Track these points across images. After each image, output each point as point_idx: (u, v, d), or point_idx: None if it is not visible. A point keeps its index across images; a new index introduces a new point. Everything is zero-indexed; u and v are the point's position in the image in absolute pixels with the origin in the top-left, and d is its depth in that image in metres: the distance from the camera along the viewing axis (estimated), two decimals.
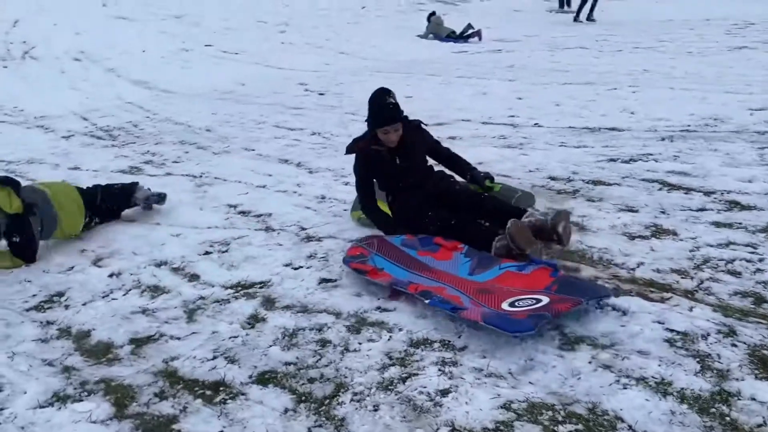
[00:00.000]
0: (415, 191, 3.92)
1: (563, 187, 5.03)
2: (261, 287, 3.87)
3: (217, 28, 13.06)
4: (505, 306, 2.97)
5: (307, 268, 4.07)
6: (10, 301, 3.89)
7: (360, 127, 7.02)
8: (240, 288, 3.88)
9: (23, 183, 4.60)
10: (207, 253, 4.41)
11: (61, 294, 3.96)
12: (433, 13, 14.03)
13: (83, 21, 12.22)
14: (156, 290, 3.93)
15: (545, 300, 2.93)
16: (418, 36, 13.45)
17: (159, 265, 4.27)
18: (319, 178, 5.77)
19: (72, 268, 4.29)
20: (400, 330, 3.20)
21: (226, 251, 4.41)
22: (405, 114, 4.01)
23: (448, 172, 4.30)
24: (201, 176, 5.97)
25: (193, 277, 4.07)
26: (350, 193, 4.90)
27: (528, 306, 2.91)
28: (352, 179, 4.33)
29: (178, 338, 3.37)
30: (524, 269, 3.30)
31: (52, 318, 3.68)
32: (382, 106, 3.92)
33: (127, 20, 12.72)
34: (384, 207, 4.11)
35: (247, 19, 13.82)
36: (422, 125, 4.17)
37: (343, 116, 7.85)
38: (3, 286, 4.07)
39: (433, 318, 3.23)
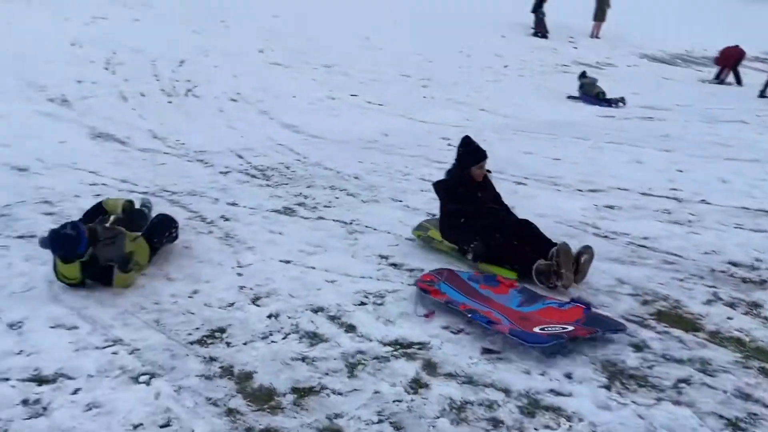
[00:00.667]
0: (487, 216, 4.86)
1: (747, 275, 4.56)
2: (420, 348, 3.72)
3: (363, 79, 13.44)
4: (535, 329, 3.69)
5: (467, 333, 3.88)
6: (175, 332, 3.97)
7: (508, 188, 6.85)
8: (398, 346, 3.74)
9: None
10: (362, 303, 4.33)
11: (222, 330, 3.99)
12: (584, 73, 13.74)
13: (241, 65, 12.99)
14: (314, 338, 3.87)
15: (569, 328, 3.65)
16: (570, 97, 13.19)
17: (316, 311, 4.23)
18: None
19: (232, 304, 4.34)
20: (581, 420, 2.91)
21: (381, 304, 4.32)
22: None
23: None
24: (351, 223, 5.98)
25: (350, 328, 3.99)
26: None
27: (554, 331, 3.61)
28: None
29: (341, 393, 3.26)
30: (563, 306, 4.00)
31: (215, 354, 3.69)
32: (477, 147, 5.02)
33: (281, 66, 13.39)
34: (436, 234, 5.14)
35: (391, 72, 14.16)
36: (489, 172, 5.12)
37: None
38: (169, 315, 4.17)
39: (617, 411, 2.92)
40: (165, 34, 13.76)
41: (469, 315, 3.90)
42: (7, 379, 3.44)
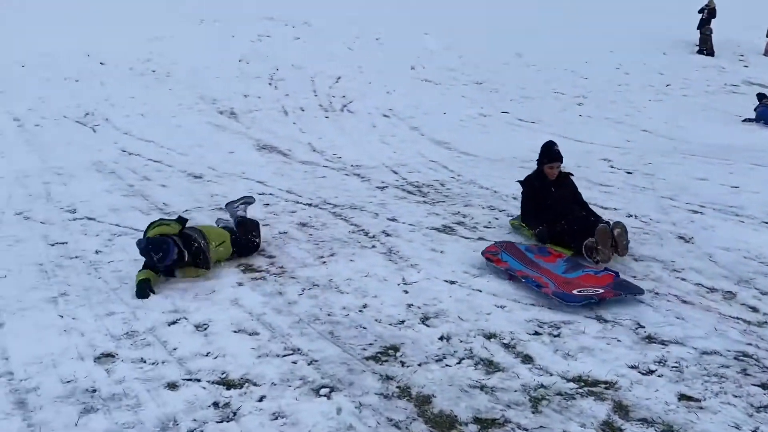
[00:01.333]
0: (559, 210, 5.62)
1: None
2: (607, 388, 3.47)
3: (514, 96, 13.21)
4: (574, 292, 4.49)
5: (659, 376, 3.58)
6: (350, 345, 3.99)
7: (683, 216, 6.34)
8: (583, 384, 3.52)
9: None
10: (536, 333, 4.14)
11: (395, 348, 3.96)
12: (763, 95, 12.63)
13: (393, 81, 13.22)
14: (490, 365, 3.74)
15: (600, 291, 4.47)
16: (747, 120, 12.18)
17: (488, 337, 4.10)
18: (643, 267, 5.23)
19: (402, 322, 4.32)
20: None
21: (558, 335, 4.10)
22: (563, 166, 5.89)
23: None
24: None
25: (527, 359, 3.82)
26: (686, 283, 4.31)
27: (587, 293, 4.43)
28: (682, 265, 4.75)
29: (526, 429, 3.10)
30: (598, 273, 4.81)
31: (391, 373, 3.67)
32: (552, 149, 5.81)
33: (431, 83, 13.47)
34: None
35: (544, 89, 13.80)
36: (571, 175, 5.96)
37: (659, 200, 7.20)
38: (342, 328, 4.22)
39: None
40: (323, 51, 14.32)
41: (523, 280, 4.74)
42: (199, 380, 3.60)
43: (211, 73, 12.68)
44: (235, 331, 4.18)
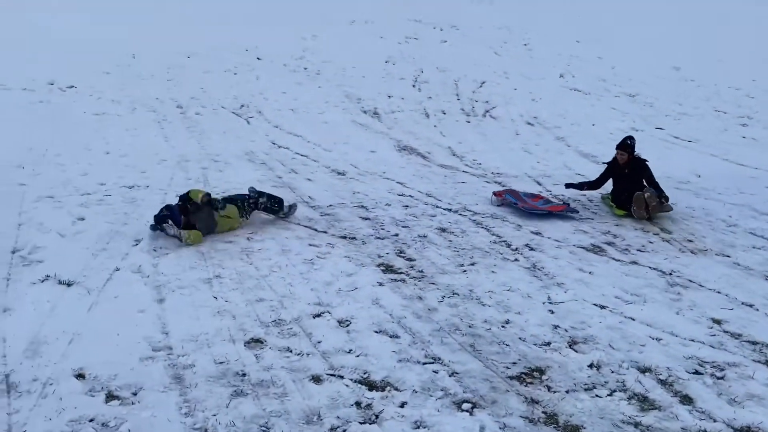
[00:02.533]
0: (626, 186, 6.93)
1: None
2: None
3: (670, 112, 12.40)
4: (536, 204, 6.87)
5: None
6: (492, 362, 3.88)
7: None
8: None
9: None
10: (697, 372, 3.82)
11: (540, 371, 3.80)
12: None
13: (540, 89, 12.86)
14: (645, 402, 3.49)
15: (551, 205, 6.96)
16: None
17: (643, 370, 3.83)
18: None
19: (549, 344, 4.14)
20: None
21: (722, 378, 3.76)
22: (637, 153, 7.23)
23: None
24: (671, 274, 5.40)
25: (687, 400, 3.52)
26: None
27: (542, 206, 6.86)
28: None
29: None
30: (557, 204, 7.05)
31: (536, 396, 3.52)
32: (624, 141, 7.30)
33: (581, 93, 12.96)
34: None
35: (703, 106, 12.84)
36: (646, 162, 7.16)
37: None
38: (484, 342, 4.12)
39: None
40: (469, 55, 14.21)
41: (509, 198, 7.06)
42: (342, 377, 3.64)
43: (357, 72, 12.96)
44: (377, 332, 4.19)
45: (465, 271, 5.30)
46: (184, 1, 15.98)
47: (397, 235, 6.12)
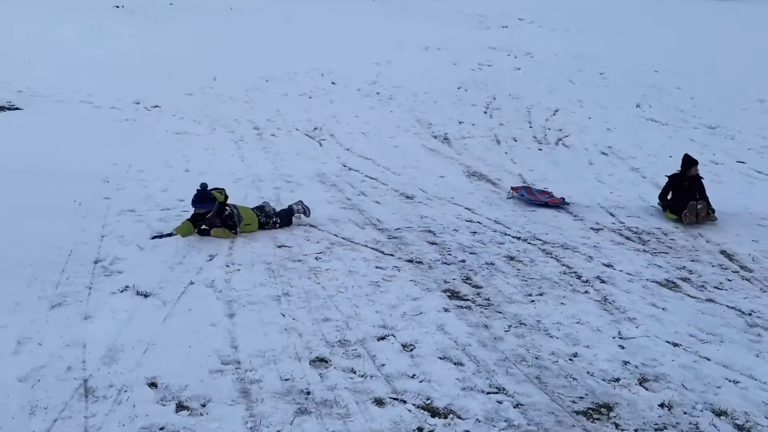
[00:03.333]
0: (684, 196, 7.93)
1: None
2: None
3: (753, 145, 11.89)
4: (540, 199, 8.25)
5: None
6: (558, 395, 3.79)
7: None
8: None
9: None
10: None
11: (608, 407, 3.70)
12: None
13: (615, 118, 12.58)
14: None
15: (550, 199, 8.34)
16: None
17: (718, 414, 3.66)
18: None
19: (618, 380, 4.02)
20: None
21: None
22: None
23: None
24: (751, 314, 5.17)
25: None
26: None
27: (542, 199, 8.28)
28: None
29: None
30: (556, 198, 8.40)
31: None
32: (691, 159, 8.24)
33: (658, 124, 12.61)
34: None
35: None
36: (702, 179, 8.15)
37: None
38: (550, 375, 4.03)
39: None
40: (542, 82, 14.08)
41: (525, 197, 8.38)
42: (404, 401, 3.64)
43: (429, 97, 13.03)
44: (441, 358, 4.17)
45: (533, 301, 5.22)
46: (264, 27, 16.55)
47: (464, 261, 6.10)
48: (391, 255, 6.16)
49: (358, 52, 14.82)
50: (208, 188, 6.30)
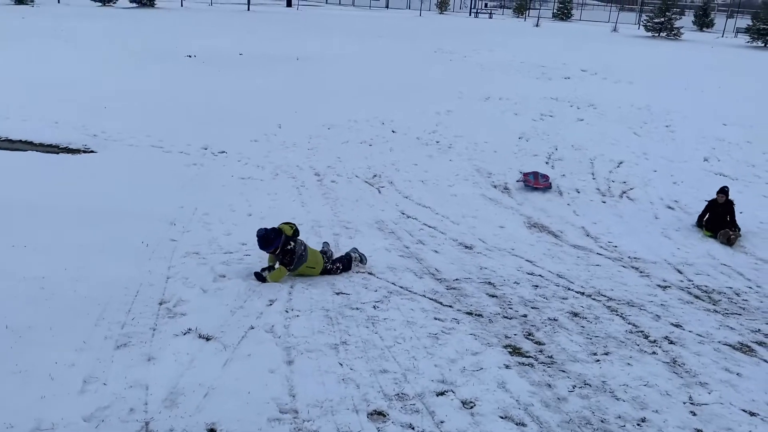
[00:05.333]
0: (719, 217, 9.42)
1: None
2: None
3: None
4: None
5: None
6: None
7: None
8: None
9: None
10: None
11: None
12: None
13: (682, 172, 12.28)
14: None
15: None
16: None
17: None
18: None
19: None
20: None
21: None
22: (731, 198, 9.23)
23: None
24: None
25: None
26: None
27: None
28: None
29: None
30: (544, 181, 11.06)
31: None
32: (723, 187, 9.74)
33: (727, 178, 12.22)
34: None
35: None
36: (733, 203, 9.56)
37: None
38: None
39: None
40: (606, 133, 13.91)
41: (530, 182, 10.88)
42: None
43: (489, 147, 13.04)
44: (502, 417, 4.06)
45: (598, 360, 5.05)
46: (330, 75, 17.02)
47: (525, 315, 5.98)
48: (450, 306, 6.09)
49: (419, 102, 15.03)
50: (267, 229, 6.35)
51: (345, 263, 6.83)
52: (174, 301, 5.57)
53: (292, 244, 6.35)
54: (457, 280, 6.95)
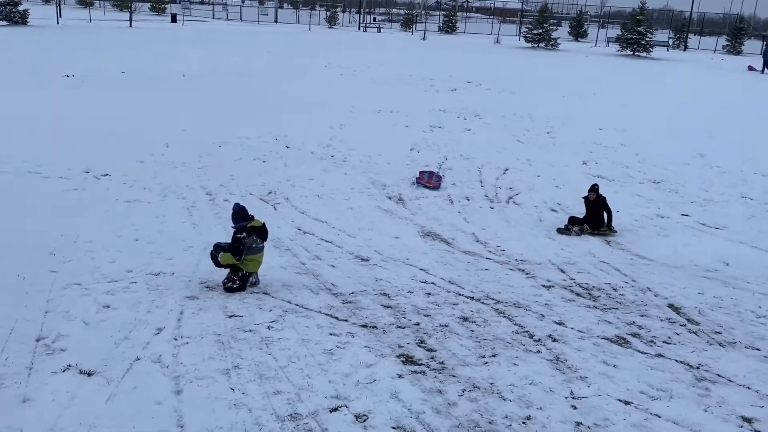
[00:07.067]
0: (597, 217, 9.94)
1: None
2: None
3: (696, 199, 12.35)
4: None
5: None
6: None
7: None
8: None
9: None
10: None
11: None
12: None
13: (563, 175, 12.95)
14: None
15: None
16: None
17: None
18: None
19: None
20: None
21: None
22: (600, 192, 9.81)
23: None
24: (699, 368, 5.27)
25: None
26: None
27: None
28: None
29: None
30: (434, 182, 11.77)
31: None
32: (592, 186, 10.23)
33: (605, 179, 13.02)
34: None
35: (731, 192, 12.77)
36: (605, 199, 10.07)
37: None
38: None
39: None
40: (492, 142, 14.47)
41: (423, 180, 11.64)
42: None
43: (383, 159, 13.22)
44: (394, 428, 4.11)
45: (486, 363, 5.22)
46: (218, 92, 16.70)
47: (418, 324, 6.09)
48: (346, 320, 6.12)
49: (311, 116, 15.02)
50: (243, 208, 6.85)
51: (241, 281, 6.71)
52: (53, 337, 5.26)
53: (243, 235, 6.59)
54: (353, 293, 6.98)
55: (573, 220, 10.38)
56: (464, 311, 6.51)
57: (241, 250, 6.61)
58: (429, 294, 7.06)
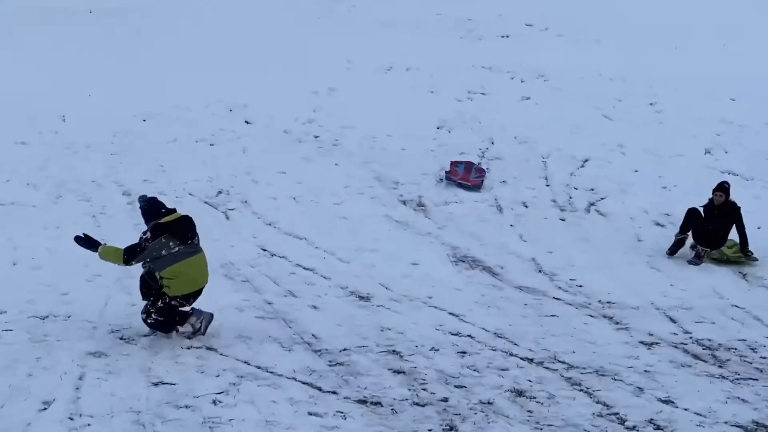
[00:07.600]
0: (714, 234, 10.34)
1: None
2: None
3: None
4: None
5: None
6: None
7: None
8: None
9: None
10: None
11: None
12: None
13: (675, 171, 12.86)
14: None
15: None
16: None
17: None
18: None
19: None
20: None
21: None
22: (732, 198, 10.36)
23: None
24: None
25: None
26: None
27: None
28: None
29: None
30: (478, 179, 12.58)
31: None
32: (720, 185, 10.57)
33: (738, 177, 12.96)
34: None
35: None
36: (738, 207, 10.34)
37: None
38: None
39: None
40: (564, 118, 14.36)
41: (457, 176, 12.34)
42: None
43: (395, 143, 13.16)
44: None
45: None
46: (143, 36, 16.69)
47: (446, 400, 6.12)
48: (334, 393, 6.15)
49: (286, 76, 14.95)
50: (156, 201, 7.10)
51: (162, 315, 6.82)
52: None
53: (147, 236, 6.75)
54: (345, 350, 7.03)
55: (683, 239, 10.34)
56: (518, 380, 6.53)
57: (136, 253, 6.70)
58: (464, 353, 7.10)
